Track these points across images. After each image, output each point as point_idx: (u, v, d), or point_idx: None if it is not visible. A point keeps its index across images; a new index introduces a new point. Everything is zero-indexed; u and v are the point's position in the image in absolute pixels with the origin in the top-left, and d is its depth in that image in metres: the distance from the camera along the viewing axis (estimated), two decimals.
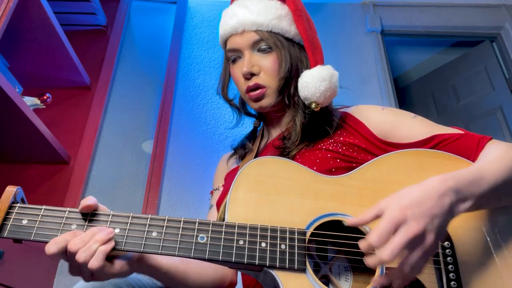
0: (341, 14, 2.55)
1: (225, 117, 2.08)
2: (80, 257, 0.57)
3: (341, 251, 0.72)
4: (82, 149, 1.83)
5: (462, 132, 0.81)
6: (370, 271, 0.69)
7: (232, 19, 0.91)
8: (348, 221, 0.62)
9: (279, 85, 0.87)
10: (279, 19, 0.89)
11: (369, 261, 0.56)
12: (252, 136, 1.03)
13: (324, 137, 0.87)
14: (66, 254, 0.59)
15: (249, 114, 1.04)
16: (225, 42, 0.96)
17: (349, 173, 0.75)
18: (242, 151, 0.99)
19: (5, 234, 0.61)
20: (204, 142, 2.01)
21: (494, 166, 0.68)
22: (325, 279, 0.69)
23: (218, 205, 0.94)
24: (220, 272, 0.86)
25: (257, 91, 0.88)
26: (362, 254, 0.66)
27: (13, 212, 0.63)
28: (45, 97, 1.75)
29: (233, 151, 1.03)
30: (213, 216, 0.95)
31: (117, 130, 2.01)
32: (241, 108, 1.03)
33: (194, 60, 2.29)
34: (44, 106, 1.75)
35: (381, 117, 0.87)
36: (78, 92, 1.99)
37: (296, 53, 0.91)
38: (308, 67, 0.88)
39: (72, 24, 2.14)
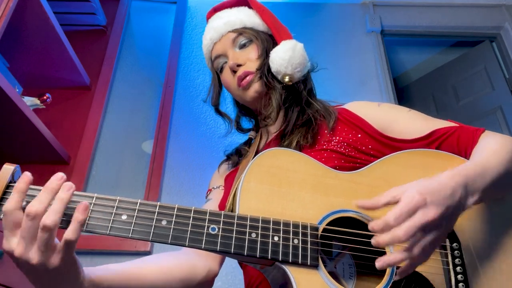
0: (341, 14, 2.55)
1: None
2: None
3: (346, 248, 0.72)
4: (82, 149, 1.83)
5: (457, 125, 0.85)
6: (375, 270, 0.68)
7: (209, 33, 0.99)
8: (360, 202, 0.62)
9: (259, 65, 0.92)
10: (249, 16, 0.98)
11: (381, 238, 0.57)
12: (247, 144, 1.04)
13: (325, 133, 0.87)
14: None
15: (244, 130, 1.08)
16: (210, 58, 1.02)
17: (359, 170, 0.75)
18: (236, 157, 1.01)
19: (1, 215, 0.56)
20: (204, 142, 2.01)
21: (495, 160, 0.71)
22: (331, 276, 0.69)
23: (221, 206, 0.93)
24: (187, 269, 0.80)
25: (247, 78, 0.92)
26: (369, 253, 0.67)
27: (10, 192, 0.57)
28: (45, 97, 1.75)
29: (226, 157, 1.04)
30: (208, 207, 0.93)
31: (117, 129, 2.01)
32: (236, 126, 1.09)
33: (194, 60, 2.29)
34: (44, 106, 1.75)
35: (378, 113, 0.89)
36: (78, 92, 1.99)
37: (269, 40, 0.97)
38: None
39: (72, 24, 2.14)
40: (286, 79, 0.88)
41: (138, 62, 2.25)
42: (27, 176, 0.57)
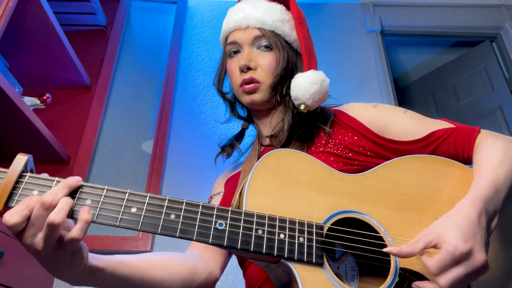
0: (341, 14, 2.55)
1: (225, 117, 2.08)
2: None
3: (349, 249, 0.72)
4: (82, 149, 1.83)
5: (452, 125, 0.86)
6: (377, 271, 0.69)
7: (237, 14, 0.94)
8: (394, 250, 0.62)
9: (273, 81, 0.89)
10: (282, 22, 0.93)
11: (423, 286, 0.60)
12: (239, 137, 1.04)
13: (322, 137, 0.87)
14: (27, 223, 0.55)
15: (239, 117, 1.05)
16: (226, 37, 0.98)
17: (364, 172, 0.76)
18: (229, 149, 1.01)
19: (13, 204, 0.58)
20: (204, 142, 2.01)
21: (502, 173, 0.71)
22: None
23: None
24: (189, 270, 0.81)
25: (251, 85, 0.89)
26: (372, 253, 0.67)
27: (23, 182, 0.59)
28: (45, 97, 1.75)
29: (220, 149, 1.04)
30: None
31: (117, 130, 2.01)
32: (232, 111, 1.05)
33: (194, 60, 2.29)
34: (44, 106, 1.75)
35: (373, 114, 0.89)
36: (78, 92, 1.99)
37: (293, 57, 0.93)
38: (302, 71, 0.90)
39: (72, 24, 2.14)
40: (302, 107, 0.86)
41: (138, 62, 2.25)
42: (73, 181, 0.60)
